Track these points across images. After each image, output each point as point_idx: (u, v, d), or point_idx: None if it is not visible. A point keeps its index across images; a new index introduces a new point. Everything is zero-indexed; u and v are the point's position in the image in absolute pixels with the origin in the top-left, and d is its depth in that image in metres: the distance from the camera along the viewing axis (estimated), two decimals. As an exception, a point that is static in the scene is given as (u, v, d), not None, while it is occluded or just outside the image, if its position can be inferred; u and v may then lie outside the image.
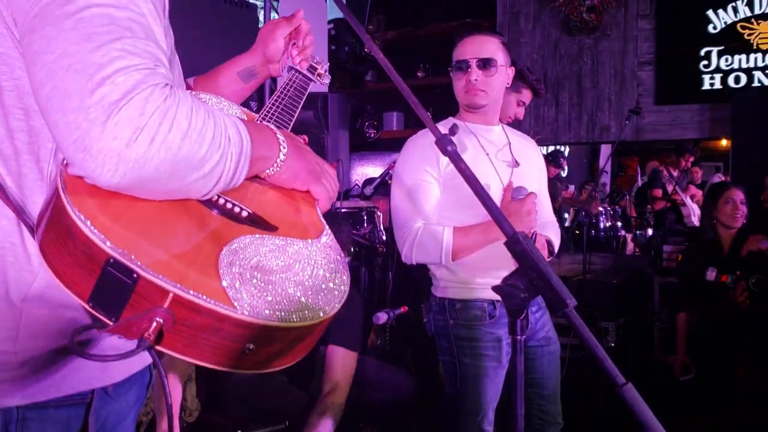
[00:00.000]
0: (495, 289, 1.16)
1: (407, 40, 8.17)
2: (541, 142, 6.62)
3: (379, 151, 8.68)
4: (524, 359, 2.54)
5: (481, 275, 2.43)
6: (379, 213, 4.50)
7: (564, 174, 8.40)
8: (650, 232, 6.88)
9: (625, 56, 6.15)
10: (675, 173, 7.55)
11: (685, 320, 4.13)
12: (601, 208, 7.20)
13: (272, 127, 1.29)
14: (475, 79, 2.48)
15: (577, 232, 5.61)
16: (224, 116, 1.09)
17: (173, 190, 1.04)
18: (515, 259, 1.17)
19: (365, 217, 4.33)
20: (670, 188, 7.05)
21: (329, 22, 6.75)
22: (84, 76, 0.95)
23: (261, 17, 6.14)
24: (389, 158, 9.33)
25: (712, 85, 5.73)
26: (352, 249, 4.18)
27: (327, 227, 1.32)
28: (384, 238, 4.38)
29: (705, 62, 5.75)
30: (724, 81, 5.69)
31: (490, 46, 2.51)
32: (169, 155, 0.98)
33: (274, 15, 6.29)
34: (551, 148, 7.44)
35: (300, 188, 1.33)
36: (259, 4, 6.09)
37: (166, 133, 0.97)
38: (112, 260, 0.95)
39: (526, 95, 3.40)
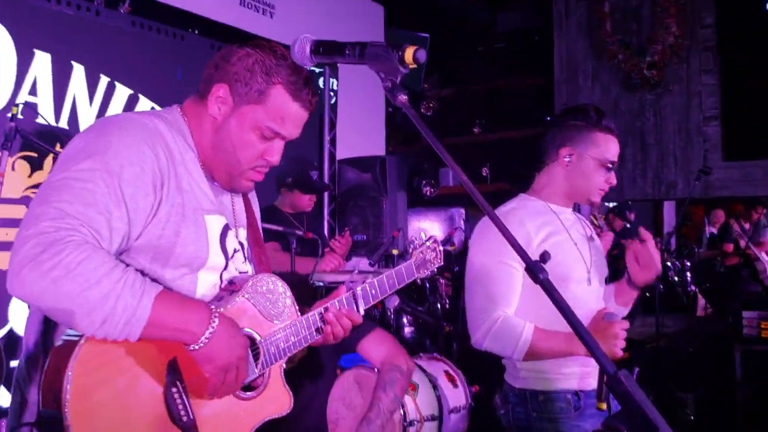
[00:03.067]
0: (596, 434, 1.08)
1: (462, 97, 8.20)
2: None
3: (435, 206, 8.66)
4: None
5: (565, 365, 2.31)
6: (442, 280, 4.41)
7: (629, 226, 8.20)
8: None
9: (689, 111, 6.00)
10: (747, 226, 7.26)
11: None
12: (668, 263, 6.97)
13: (215, 312, 1.51)
14: (611, 183, 2.45)
15: (648, 294, 5.40)
16: (126, 284, 1.38)
17: (62, 319, 1.38)
18: (617, 401, 1.09)
19: (428, 287, 4.25)
20: (742, 243, 6.77)
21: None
22: (28, 220, 1.38)
23: (321, 83, 6.26)
24: (445, 213, 9.30)
25: (785, 139, 5.53)
26: (413, 320, 4.11)
27: None
28: (447, 306, 4.29)
29: (776, 116, 5.57)
30: (798, 135, 5.49)
31: None
32: (52, 286, 1.31)
33: (333, 81, 6.39)
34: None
35: (204, 371, 1.52)
36: (318, 70, 6.23)
37: (52, 270, 1.31)
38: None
39: None
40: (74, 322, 1.36)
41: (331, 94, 6.39)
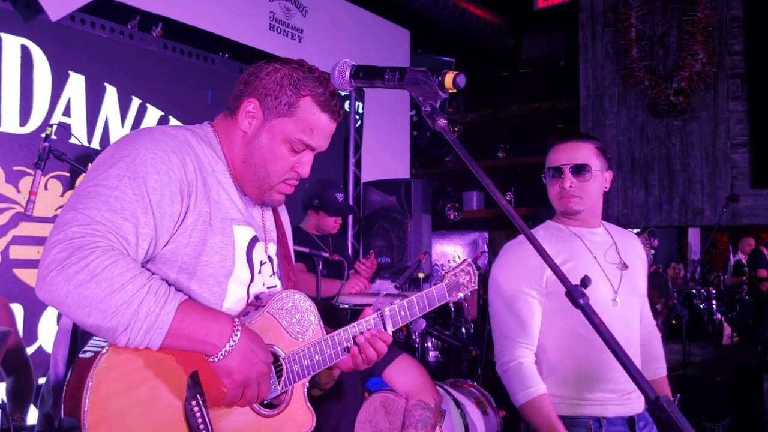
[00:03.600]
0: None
1: (487, 121, 8.22)
2: (630, 224, 6.45)
3: (458, 230, 8.64)
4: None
5: (589, 390, 2.32)
6: (466, 304, 4.40)
7: (654, 252, 8.12)
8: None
9: (716, 138, 5.96)
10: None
11: None
12: (694, 291, 6.89)
13: (238, 325, 1.50)
14: (570, 186, 2.41)
15: (674, 322, 5.34)
16: (151, 291, 1.39)
17: (85, 324, 1.37)
18: (659, 428, 1.08)
19: (453, 311, 4.24)
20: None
21: (412, 108, 6.88)
22: (57, 226, 1.41)
23: (346, 106, 6.32)
24: (468, 237, 9.27)
25: (815, 166, 5.47)
26: (438, 344, 4.10)
27: None
28: (472, 330, 4.27)
29: (806, 143, 5.52)
30: (828, 162, 5.42)
31: (584, 152, 2.43)
32: (76, 290, 1.33)
33: (358, 104, 6.45)
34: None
35: (224, 383, 1.52)
36: (344, 93, 6.29)
37: (77, 274, 1.33)
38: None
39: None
40: (97, 327, 1.37)
41: (357, 117, 6.45)
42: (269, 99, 1.66)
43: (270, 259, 1.83)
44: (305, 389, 1.75)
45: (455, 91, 1.40)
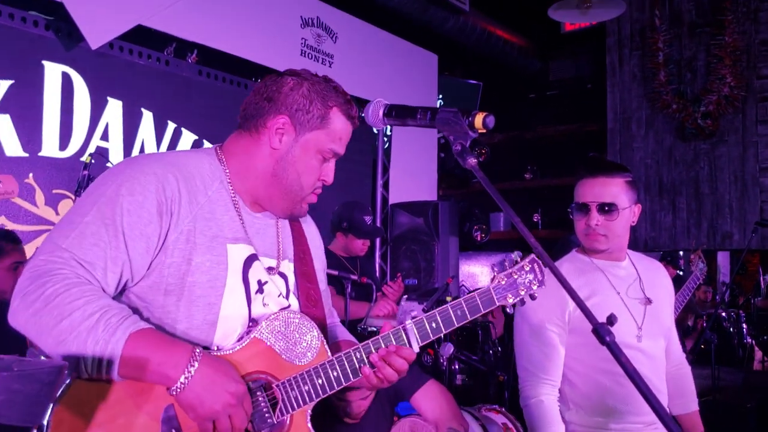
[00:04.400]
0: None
1: (514, 143, 8.27)
2: (658, 248, 6.42)
3: (485, 251, 8.65)
4: None
5: (616, 420, 2.33)
6: (493, 320, 4.40)
7: (682, 273, 8.06)
8: None
9: (745, 162, 5.94)
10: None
11: None
12: (723, 314, 6.80)
13: (197, 356, 1.43)
14: (596, 224, 2.40)
15: (703, 347, 5.29)
16: (101, 320, 1.36)
17: (47, 352, 1.37)
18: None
19: (480, 333, 4.26)
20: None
21: (439, 131, 6.95)
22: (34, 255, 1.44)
23: (374, 129, 6.41)
24: (495, 258, 9.27)
25: None
26: (465, 368, 4.11)
27: None
28: (499, 353, 4.29)
29: (837, 168, 5.48)
30: None
31: (612, 189, 2.38)
32: (33, 318, 1.35)
33: (386, 126, 6.54)
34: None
35: (191, 418, 1.44)
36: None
37: (34, 302, 1.35)
38: None
39: None
40: (55, 356, 1.36)
41: (385, 139, 6.54)
42: (300, 114, 1.67)
43: (283, 276, 1.75)
44: (308, 417, 1.60)
45: (485, 131, 1.46)
